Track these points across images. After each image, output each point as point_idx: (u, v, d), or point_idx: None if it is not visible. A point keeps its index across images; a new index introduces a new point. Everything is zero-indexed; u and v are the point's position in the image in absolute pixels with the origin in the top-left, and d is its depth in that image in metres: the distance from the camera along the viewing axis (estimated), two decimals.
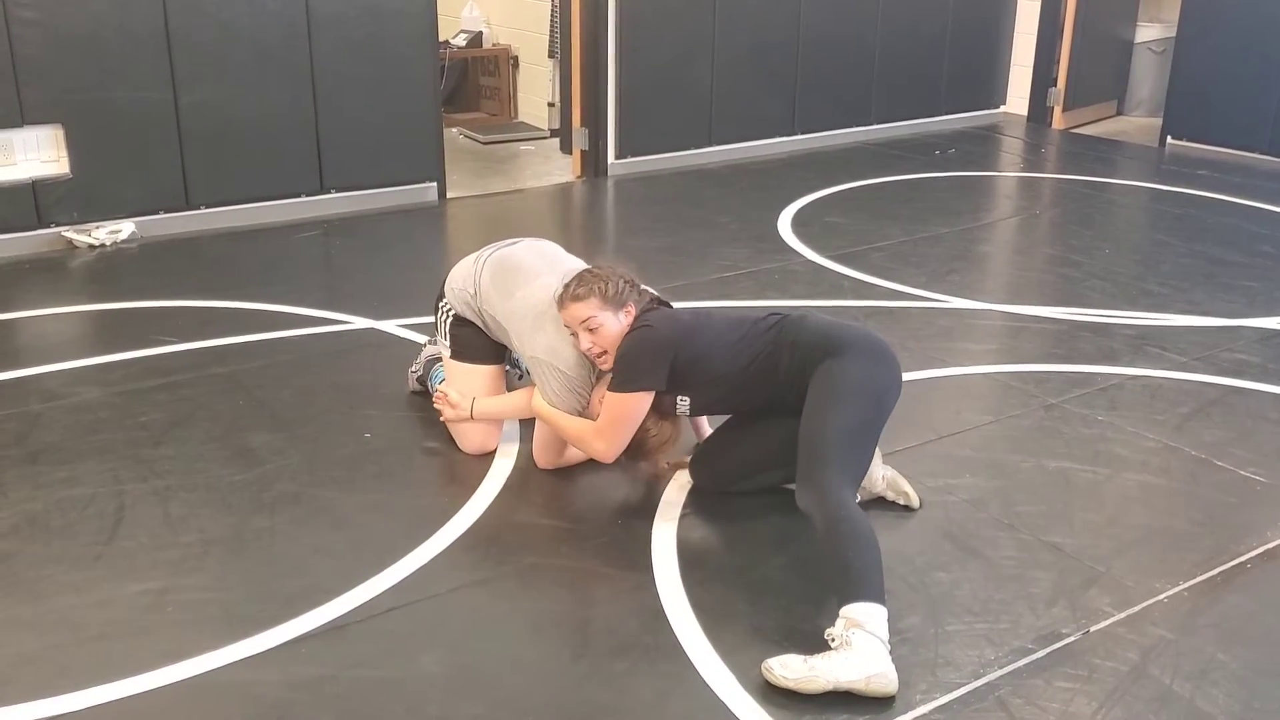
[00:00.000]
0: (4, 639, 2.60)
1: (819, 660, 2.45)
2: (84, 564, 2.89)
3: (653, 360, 3.01)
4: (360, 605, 2.72)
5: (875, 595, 2.52)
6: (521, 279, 3.32)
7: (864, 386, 2.91)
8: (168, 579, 2.83)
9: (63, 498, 3.19)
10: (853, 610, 2.49)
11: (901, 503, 3.18)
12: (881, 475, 3.20)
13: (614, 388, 3.04)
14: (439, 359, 3.63)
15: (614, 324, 3.06)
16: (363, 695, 2.44)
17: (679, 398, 3.10)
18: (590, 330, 3.06)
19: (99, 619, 2.68)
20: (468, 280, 3.42)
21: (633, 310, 3.10)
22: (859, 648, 2.44)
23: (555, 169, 7.14)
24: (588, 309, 3.06)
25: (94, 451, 3.44)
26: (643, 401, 3.03)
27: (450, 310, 3.45)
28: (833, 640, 2.48)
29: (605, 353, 3.08)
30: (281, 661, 2.54)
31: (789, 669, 2.45)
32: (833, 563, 2.62)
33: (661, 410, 3.13)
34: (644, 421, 3.11)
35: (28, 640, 2.59)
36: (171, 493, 3.23)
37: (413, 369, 3.83)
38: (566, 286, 3.12)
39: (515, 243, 3.51)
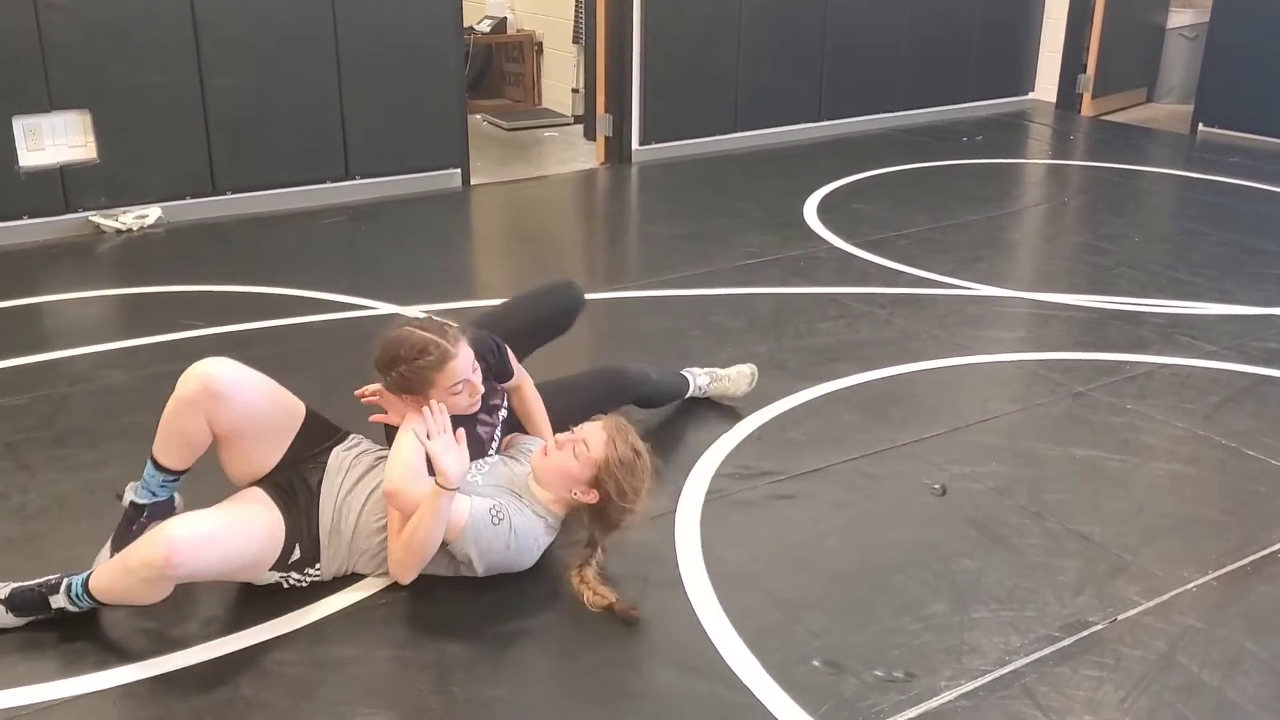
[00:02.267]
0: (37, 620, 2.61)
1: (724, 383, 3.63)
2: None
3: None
4: (385, 588, 2.72)
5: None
6: None
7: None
8: None
9: (91, 479, 3.21)
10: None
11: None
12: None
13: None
14: None
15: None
16: (388, 676, 2.45)
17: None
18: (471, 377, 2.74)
19: None
20: None
21: None
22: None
23: (579, 155, 7.13)
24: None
25: (121, 434, 3.46)
26: None
27: None
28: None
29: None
30: (308, 642, 2.55)
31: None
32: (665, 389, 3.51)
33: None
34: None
35: (58, 621, 2.61)
36: (198, 476, 3.22)
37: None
38: (443, 338, 2.67)
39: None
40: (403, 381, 2.68)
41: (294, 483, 2.72)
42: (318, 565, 2.70)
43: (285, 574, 2.66)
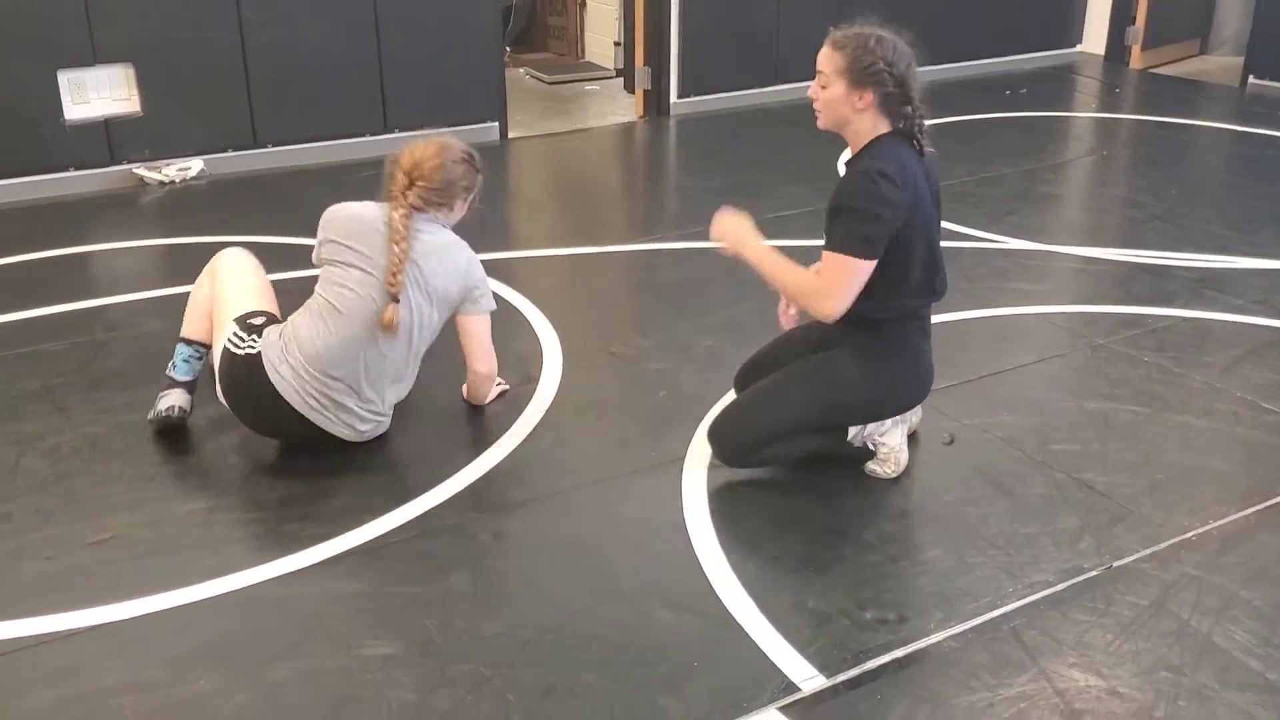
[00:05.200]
0: (61, 552, 2.74)
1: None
2: (138, 484, 3.03)
3: (876, 224, 2.77)
4: (396, 528, 2.82)
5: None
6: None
7: (853, 400, 3.00)
8: (215, 499, 2.97)
9: (122, 422, 3.33)
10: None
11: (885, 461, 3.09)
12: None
13: (833, 247, 2.80)
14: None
15: (840, 98, 2.82)
16: (395, 609, 2.54)
17: None
18: (821, 85, 2.85)
19: (149, 536, 2.81)
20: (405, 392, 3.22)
21: (875, 112, 2.85)
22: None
23: (619, 109, 7.15)
24: (829, 63, 2.82)
25: (154, 380, 3.54)
26: (869, 268, 2.80)
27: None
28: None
29: (820, 112, 2.88)
30: (320, 578, 2.65)
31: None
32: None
33: None
34: None
35: (83, 554, 2.73)
36: (225, 421, 3.34)
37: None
38: (840, 28, 2.86)
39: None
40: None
41: None
42: (257, 339, 3.07)
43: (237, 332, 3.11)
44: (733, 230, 2.96)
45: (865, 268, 2.80)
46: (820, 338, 3.07)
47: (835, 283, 2.82)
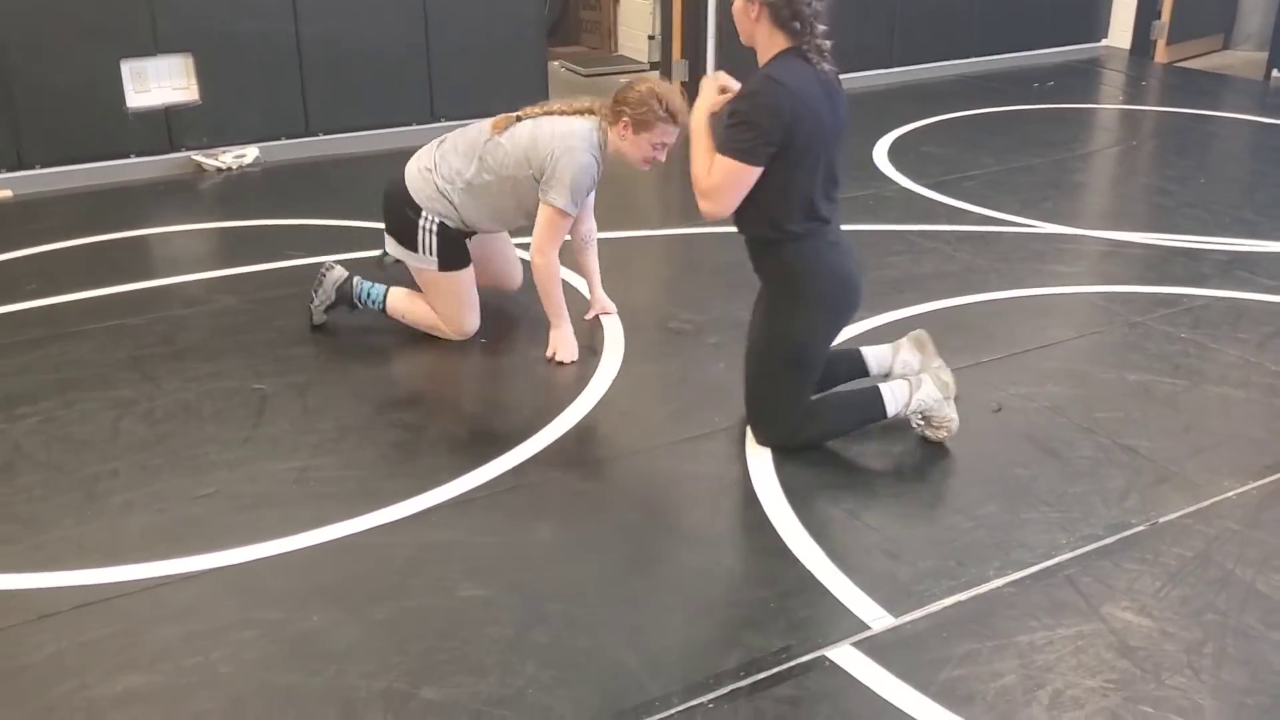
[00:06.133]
0: (170, 504, 2.93)
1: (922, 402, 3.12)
2: (234, 445, 3.21)
3: (756, 131, 2.89)
4: (484, 483, 3.00)
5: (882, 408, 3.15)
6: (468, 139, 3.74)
7: (815, 338, 3.14)
8: (309, 459, 3.14)
9: (211, 389, 3.51)
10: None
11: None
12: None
13: (722, 150, 2.94)
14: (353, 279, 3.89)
15: (740, 10, 3.00)
16: (485, 555, 2.72)
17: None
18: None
19: (251, 491, 2.99)
20: (448, 174, 3.69)
21: (769, 26, 2.99)
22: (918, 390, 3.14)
23: None
24: None
25: (235, 350, 3.75)
26: (751, 175, 2.93)
27: (433, 223, 3.68)
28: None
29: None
30: (413, 528, 2.83)
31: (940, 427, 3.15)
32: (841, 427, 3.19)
33: None
34: None
35: (192, 507, 2.92)
36: (309, 387, 3.53)
37: (318, 302, 3.87)
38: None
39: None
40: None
41: None
42: None
43: None
44: (708, 94, 3.09)
45: (748, 173, 2.93)
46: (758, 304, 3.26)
47: (719, 183, 2.97)
